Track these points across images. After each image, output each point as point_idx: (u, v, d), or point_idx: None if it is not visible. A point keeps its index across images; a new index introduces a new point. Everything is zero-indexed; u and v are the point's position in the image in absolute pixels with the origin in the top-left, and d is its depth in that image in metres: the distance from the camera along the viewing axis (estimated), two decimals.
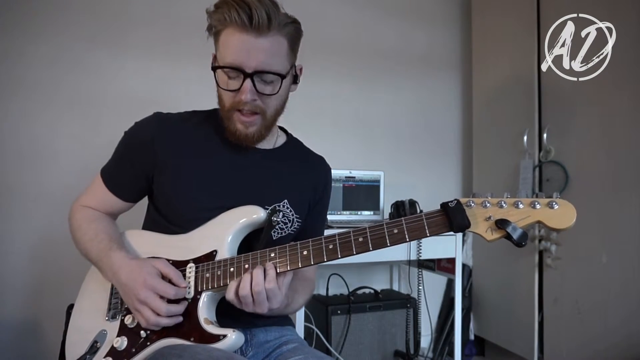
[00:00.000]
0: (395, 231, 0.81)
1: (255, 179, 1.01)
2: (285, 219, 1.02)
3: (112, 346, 0.88)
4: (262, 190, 1.00)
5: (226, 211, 0.94)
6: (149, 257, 0.93)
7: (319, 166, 1.13)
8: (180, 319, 0.85)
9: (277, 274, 0.84)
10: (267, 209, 0.98)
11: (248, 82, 0.89)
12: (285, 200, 1.02)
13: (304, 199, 1.07)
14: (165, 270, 0.87)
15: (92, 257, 0.96)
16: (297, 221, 1.05)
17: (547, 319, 2.00)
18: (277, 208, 1.00)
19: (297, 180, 1.06)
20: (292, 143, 1.12)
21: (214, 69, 0.91)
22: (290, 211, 1.03)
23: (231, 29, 0.88)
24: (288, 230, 1.03)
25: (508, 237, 0.76)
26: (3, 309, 1.70)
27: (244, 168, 1.01)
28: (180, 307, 0.85)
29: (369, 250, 0.81)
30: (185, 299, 0.87)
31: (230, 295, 0.83)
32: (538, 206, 0.77)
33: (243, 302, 0.83)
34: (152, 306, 0.83)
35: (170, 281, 0.87)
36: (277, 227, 1.00)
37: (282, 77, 0.92)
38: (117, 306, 0.93)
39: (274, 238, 1.00)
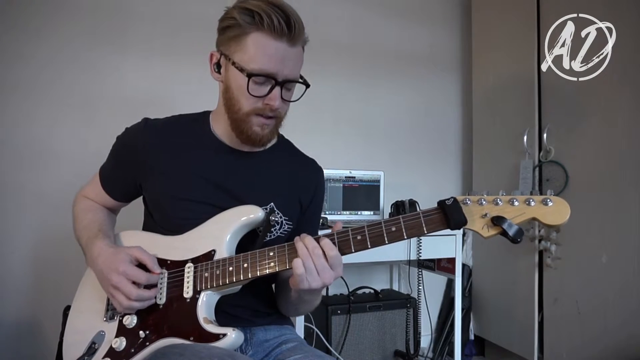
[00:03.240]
0: (393, 229, 0.81)
1: (240, 182, 0.99)
2: (279, 215, 1.01)
3: (111, 347, 0.88)
4: (246, 193, 0.98)
5: (224, 211, 0.94)
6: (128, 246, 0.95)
7: (309, 168, 1.11)
8: (153, 301, 0.87)
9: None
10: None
11: (278, 89, 0.90)
12: (272, 203, 1.00)
13: (292, 201, 1.05)
14: (141, 257, 0.89)
15: (82, 244, 0.99)
16: (287, 223, 1.03)
17: (547, 319, 2.00)
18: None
19: (286, 182, 1.04)
20: (283, 144, 1.11)
21: (249, 75, 0.88)
22: (278, 213, 1.01)
23: (264, 33, 0.87)
24: (277, 232, 1.01)
25: (504, 233, 0.77)
26: (1, 309, 1.70)
27: (229, 170, 1.00)
28: (151, 293, 0.87)
29: (368, 248, 0.82)
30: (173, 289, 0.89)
31: (299, 269, 0.80)
32: (533, 203, 0.78)
33: (308, 272, 0.81)
34: (123, 291, 0.85)
35: (145, 268, 0.88)
36: (274, 227, 1.00)
37: (307, 85, 0.96)
38: None
39: (265, 240, 0.97)
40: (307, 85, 0.96)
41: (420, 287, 1.95)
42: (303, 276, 0.81)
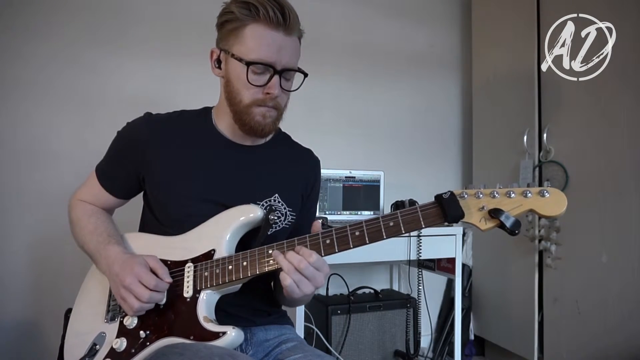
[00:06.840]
0: (391, 224, 0.82)
1: (245, 175, 1.01)
2: (278, 213, 1.03)
3: (112, 348, 0.88)
4: (252, 186, 1.01)
5: (223, 211, 0.94)
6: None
7: (308, 159, 1.15)
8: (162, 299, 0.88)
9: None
10: (259, 204, 0.99)
11: (277, 78, 0.93)
12: (276, 195, 1.03)
13: (295, 193, 1.07)
14: (154, 265, 0.89)
15: (90, 249, 0.99)
16: (291, 215, 1.05)
17: (547, 319, 2.00)
18: (270, 202, 1.01)
19: (288, 174, 1.07)
20: (281, 137, 1.13)
21: (248, 64, 0.91)
22: (282, 205, 1.03)
23: (261, 24, 0.90)
24: (282, 224, 1.04)
25: (501, 226, 0.78)
26: (1, 310, 1.69)
27: (234, 165, 1.01)
28: (160, 296, 0.87)
29: (366, 244, 0.82)
30: (180, 296, 0.89)
31: (287, 281, 0.82)
32: (530, 195, 0.79)
33: (298, 283, 0.82)
34: (135, 292, 0.85)
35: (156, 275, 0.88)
36: (276, 224, 1.01)
37: (305, 75, 0.98)
38: (116, 308, 0.93)
39: (269, 233, 1.00)
40: (305, 75, 0.98)
41: (420, 287, 1.95)
42: (293, 286, 0.81)
